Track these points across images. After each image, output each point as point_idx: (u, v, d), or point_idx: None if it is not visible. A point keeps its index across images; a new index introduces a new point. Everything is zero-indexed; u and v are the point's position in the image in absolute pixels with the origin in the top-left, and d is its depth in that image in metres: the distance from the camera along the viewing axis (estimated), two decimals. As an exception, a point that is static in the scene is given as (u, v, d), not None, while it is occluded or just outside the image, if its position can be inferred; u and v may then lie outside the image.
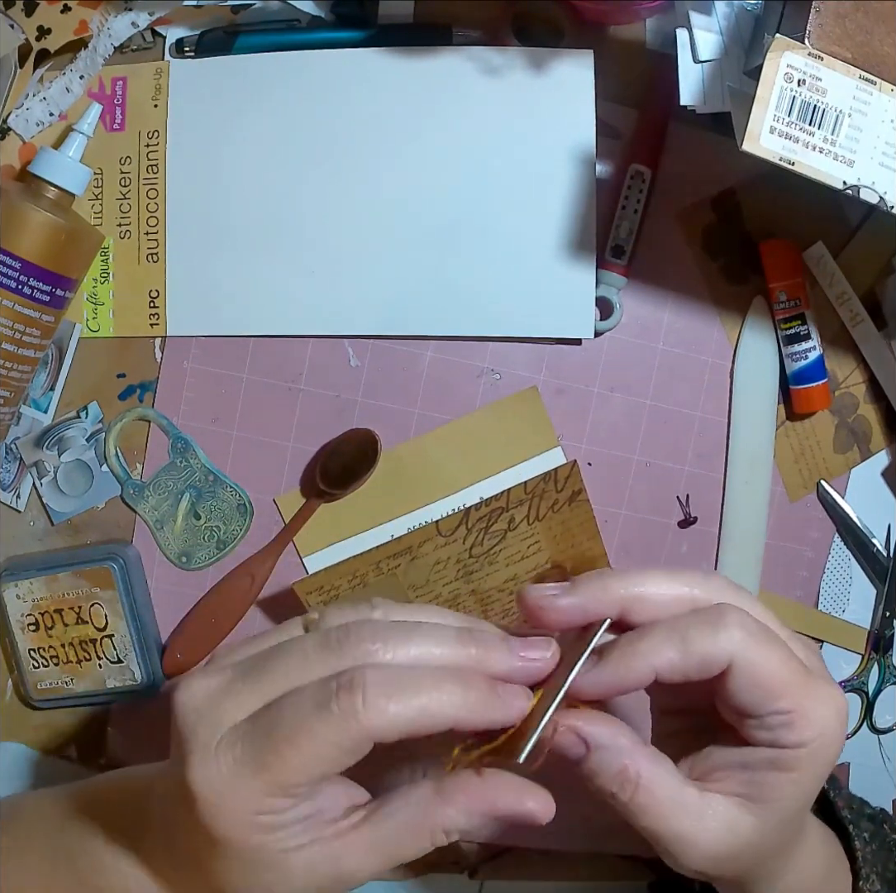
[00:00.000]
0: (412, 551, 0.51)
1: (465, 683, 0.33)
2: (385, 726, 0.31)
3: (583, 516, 0.53)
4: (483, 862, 0.57)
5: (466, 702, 0.32)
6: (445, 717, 0.32)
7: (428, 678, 0.32)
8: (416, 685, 0.32)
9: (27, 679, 0.54)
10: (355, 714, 0.31)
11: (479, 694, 0.33)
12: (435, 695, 0.32)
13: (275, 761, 0.31)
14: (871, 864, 0.42)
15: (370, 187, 0.51)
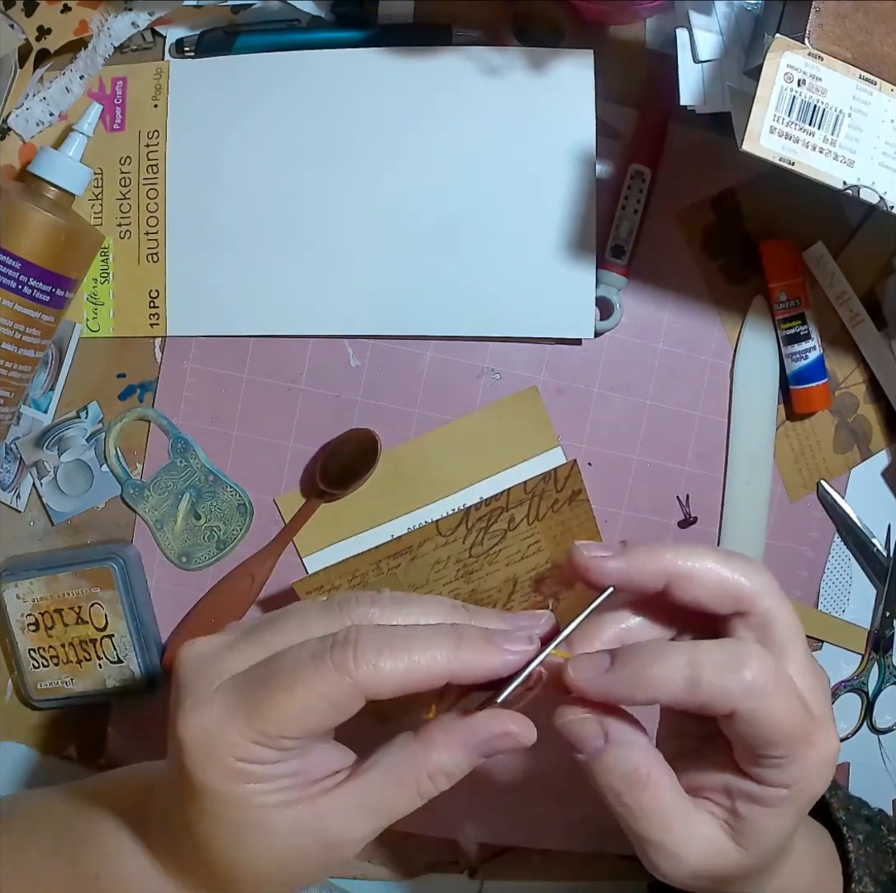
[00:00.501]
0: (412, 550, 0.51)
1: (458, 635, 0.33)
2: (377, 680, 0.31)
3: (583, 516, 0.53)
4: (483, 862, 0.57)
5: (459, 654, 0.32)
6: (439, 669, 0.32)
7: (420, 632, 0.33)
8: (408, 640, 0.32)
9: (27, 679, 0.54)
10: (347, 667, 0.31)
11: (472, 644, 0.33)
12: (427, 648, 0.32)
13: (266, 708, 0.31)
14: (864, 866, 0.42)
15: (370, 187, 0.51)
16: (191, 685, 0.33)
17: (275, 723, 0.31)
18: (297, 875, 0.35)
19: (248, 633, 0.35)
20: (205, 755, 0.32)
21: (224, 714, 0.32)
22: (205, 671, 0.34)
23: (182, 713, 0.33)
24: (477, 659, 0.33)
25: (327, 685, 0.31)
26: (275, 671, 0.32)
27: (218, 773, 0.32)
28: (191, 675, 0.34)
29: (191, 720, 0.32)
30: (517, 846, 0.57)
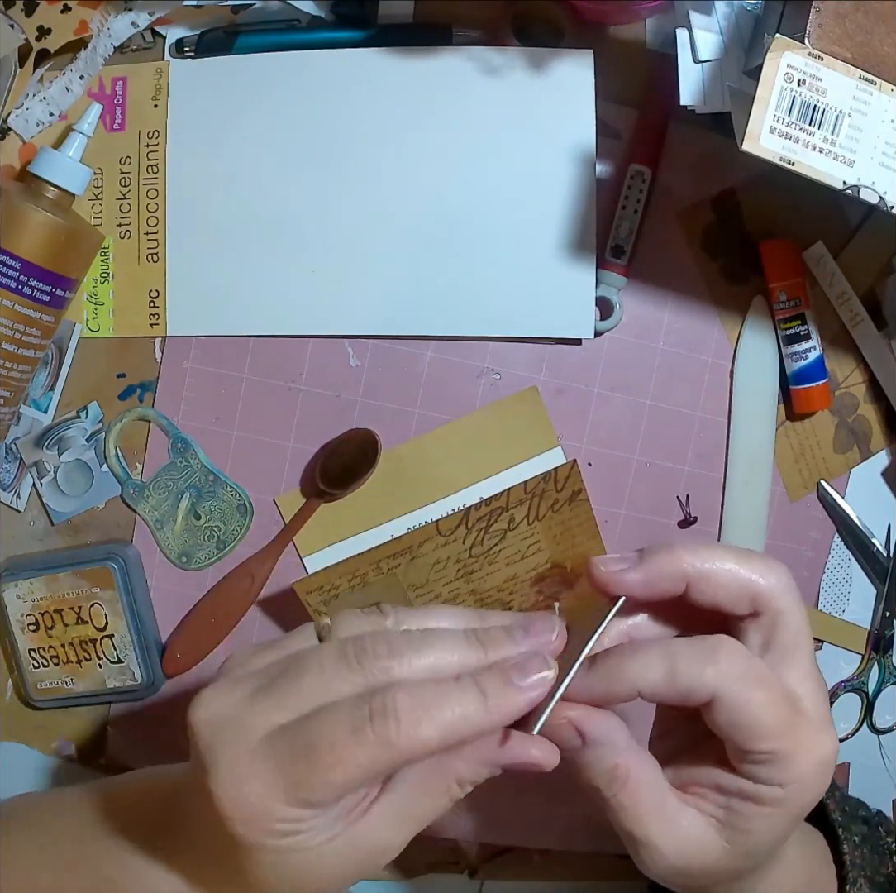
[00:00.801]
0: (412, 550, 0.51)
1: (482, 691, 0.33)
2: (418, 748, 0.32)
3: (583, 516, 0.53)
4: (483, 862, 0.57)
5: (489, 710, 0.33)
6: (472, 729, 0.33)
7: (453, 693, 0.33)
8: (442, 705, 0.33)
9: (27, 679, 0.54)
10: (390, 740, 0.32)
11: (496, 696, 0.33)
12: (460, 712, 0.33)
13: (310, 783, 0.32)
14: (859, 868, 0.42)
15: (370, 187, 0.51)
16: (219, 752, 0.33)
17: (319, 795, 0.32)
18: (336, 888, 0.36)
19: (264, 687, 0.34)
20: (248, 823, 0.32)
21: (266, 789, 0.32)
22: (230, 734, 0.33)
23: (218, 783, 0.32)
24: (503, 711, 0.33)
25: (370, 759, 0.32)
26: (313, 745, 0.32)
27: (263, 835, 0.33)
28: (215, 739, 0.33)
29: (231, 792, 0.32)
30: (517, 846, 0.57)
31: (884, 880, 0.43)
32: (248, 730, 0.33)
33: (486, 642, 0.35)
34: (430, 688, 0.33)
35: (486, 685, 0.33)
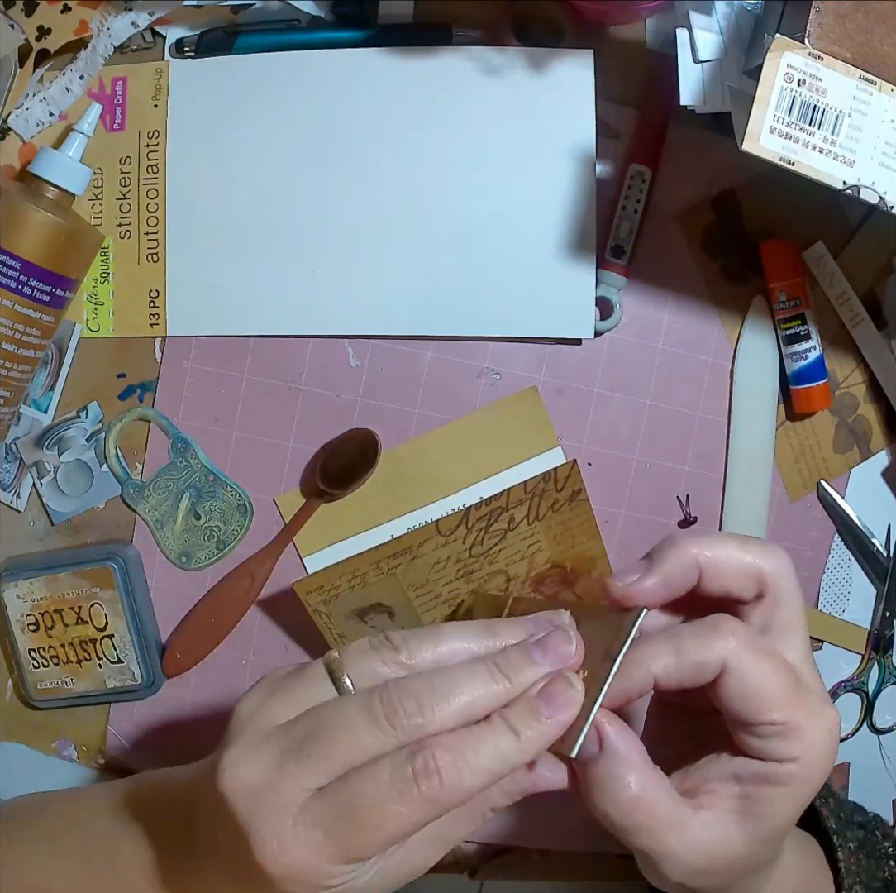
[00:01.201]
0: (412, 550, 0.51)
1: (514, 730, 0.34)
2: (461, 799, 0.33)
3: (583, 515, 0.53)
4: (483, 862, 0.57)
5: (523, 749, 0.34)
6: (510, 768, 0.34)
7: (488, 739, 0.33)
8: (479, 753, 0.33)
9: (27, 679, 0.54)
10: (436, 798, 0.32)
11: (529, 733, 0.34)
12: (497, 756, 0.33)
13: (359, 845, 0.32)
14: (854, 875, 0.42)
15: (370, 187, 0.51)
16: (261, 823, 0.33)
17: (367, 853, 0.33)
18: None
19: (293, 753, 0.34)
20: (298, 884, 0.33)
21: (314, 854, 0.32)
22: (268, 804, 0.33)
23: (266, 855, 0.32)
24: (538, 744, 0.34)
25: (416, 816, 0.32)
26: (357, 808, 0.32)
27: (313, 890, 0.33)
28: (253, 810, 0.33)
29: (280, 861, 0.32)
30: (517, 846, 0.57)
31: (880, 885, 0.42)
32: (286, 798, 0.33)
33: (508, 671, 0.35)
34: (465, 739, 0.33)
35: (517, 722, 0.34)
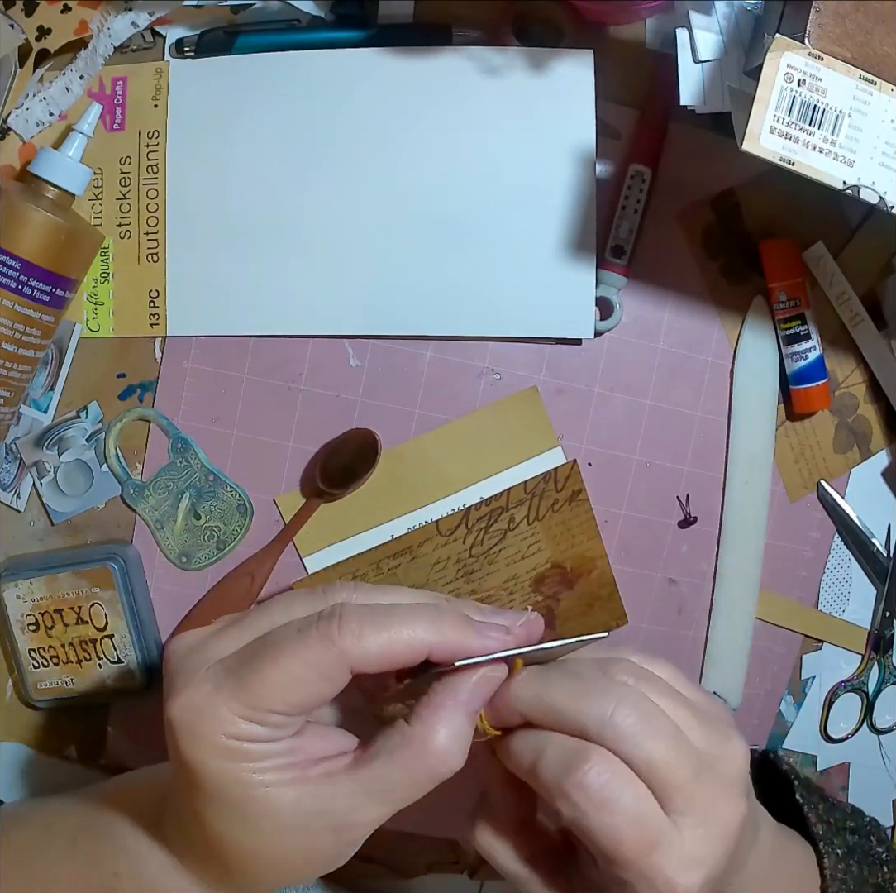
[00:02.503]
0: (412, 550, 0.51)
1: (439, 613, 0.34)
2: (361, 649, 0.32)
3: (583, 516, 0.53)
4: (483, 862, 0.57)
5: (440, 628, 0.33)
6: (420, 642, 0.33)
7: (403, 608, 0.34)
8: (391, 614, 0.33)
9: (27, 679, 0.54)
10: (331, 636, 0.32)
11: (454, 623, 0.33)
12: (410, 622, 0.33)
13: (252, 680, 0.32)
14: (840, 882, 0.41)
15: (370, 187, 0.51)
16: (179, 672, 0.34)
17: (261, 696, 0.32)
18: (311, 860, 0.35)
19: (235, 621, 0.35)
20: (193, 732, 0.32)
21: (211, 691, 0.32)
22: (192, 657, 0.34)
23: (170, 696, 0.33)
24: (457, 637, 0.33)
25: (312, 654, 0.32)
26: (261, 648, 0.33)
27: (209, 751, 0.32)
28: (179, 664, 0.34)
29: (178, 701, 0.33)
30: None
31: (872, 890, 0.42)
32: (211, 652, 0.34)
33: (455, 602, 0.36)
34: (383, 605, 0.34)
35: (445, 611, 0.34)
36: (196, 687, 0.33)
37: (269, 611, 0.35)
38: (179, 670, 0.34)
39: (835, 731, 0.58)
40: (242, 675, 0.32)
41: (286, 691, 0.32)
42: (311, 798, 0.33)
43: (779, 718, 0.58)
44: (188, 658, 0.34)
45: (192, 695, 0.33)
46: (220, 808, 0.33)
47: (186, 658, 0.34)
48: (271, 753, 0.33)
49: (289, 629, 0.33)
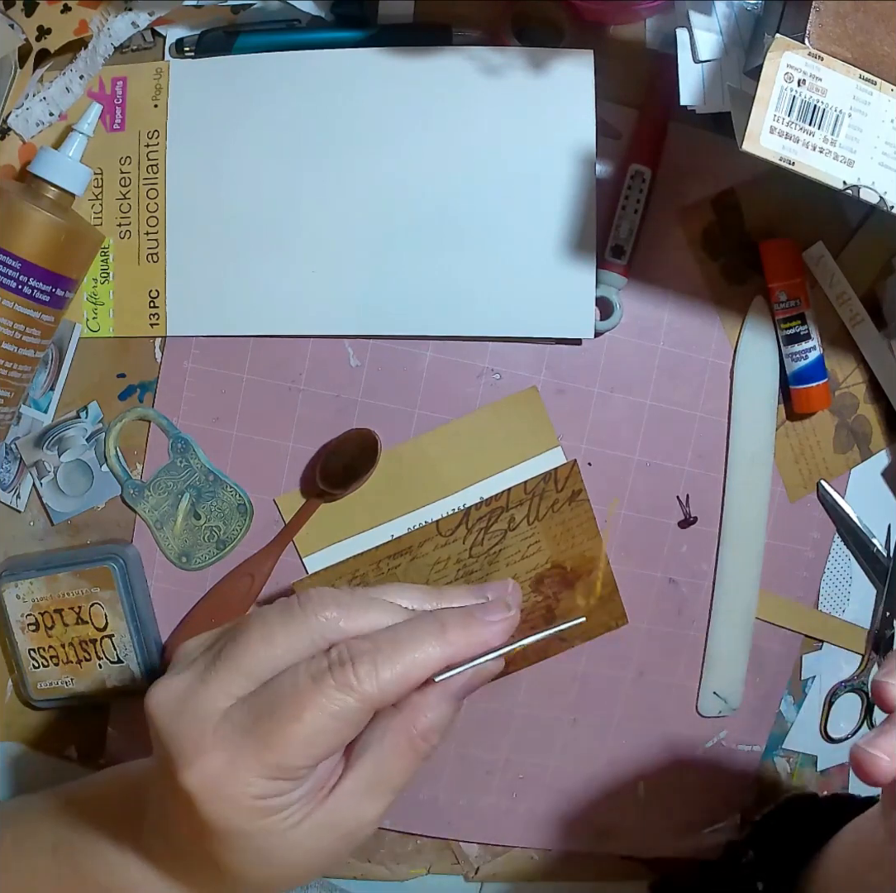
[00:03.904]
0: (412, 551, 0.51)
1: (441, 623, 0.33)
2: (381, 689, 0.32)
3: (583, 516, 0.53)
4: (483, 862, 0.57)
5: (448, 639, 0.33)
6: (435, 660, 0.33)
7: (406, 630, 0.33)
8: (398, 642, 0.32)
9: (27, 679, 0.54)
10: (350, 684, 0.31)
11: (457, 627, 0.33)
12: (418, 645, 0.32)
13: (278, 741, 0.31)
14: None
15: (370, 187, 0.51)
16: (179, 733, 0.32)
17: (289, 755, 0.31)
18: (319, 868, 0.35)
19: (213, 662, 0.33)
20: (217, 799, 0.31)
21: (232, 756, 0.31)
22: (187, 714, 0.32)
23: (183, 764, 0.31)
24: (467, 639, 0.33)
25: (335, 705, 0.31)
26: (276, 702, 0.31)
27: (235, 813, 0.31)
28: (173, 722, 0.32)
29: (196, 770, 0.31)
30: (517, 846, 0.57)
31: None
32: (208, 705, 0.32)
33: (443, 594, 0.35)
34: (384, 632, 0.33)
35: (446, 617, 0.33)
36: (212, 754, 0.31)
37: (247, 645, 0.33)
38: (177, 731, 0.32)
39: (835, 731, 0.58)
40: (263, 735, 0.31)
41: (312, 745, 0.31)
42: (323, 819, 0.33)
43: (779, 718, 0.58)
44: (182, 715, 0.32)
45: (211, 763, 0.31)
46: (240, 852, 0.33)
47: (179, 717, 0.32)
48: (296, 798, 0.33)
49: (301, 679, 0.32)
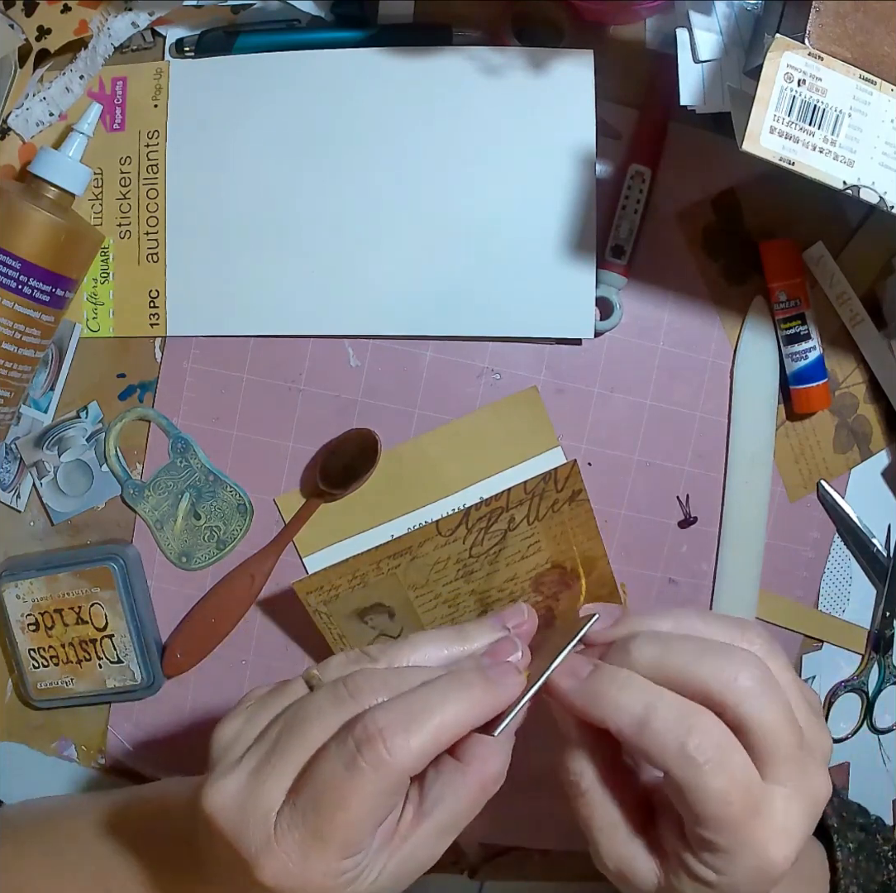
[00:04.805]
0: (412, 551, 0.51)
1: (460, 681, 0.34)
2: (414, 759, 0.33)
3: (583, 516, 0.53)
4: (483, 862, 0.57)
5: (472, 704, 0.34)
6: (460, 726, 0.34)
7: (431, 695, 0.34)
8: (424, 709, 0.33)
9: (27, 679, 0.54)
10: (383, 760, 0.32)
11: (477, 690, 0.34)
12: (443, 711, 0.33)
13: (333, 834, 0.32)
14: (852, 875, 0.42)
15: (370, 187, 0.51)
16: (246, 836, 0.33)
17: (346, 841, 0.32)
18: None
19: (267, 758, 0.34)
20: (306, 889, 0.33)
21: (301, 857, 0.32)
22: (251, 817, 0.33)
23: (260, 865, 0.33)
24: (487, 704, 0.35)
25: (373, 785, 0.32)
26: (317, 798, 0.32)
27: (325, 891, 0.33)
28: (239, 825, 0.33)
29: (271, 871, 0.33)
30: (517, 846, 0.57)
31: (878, 888, 0.42)
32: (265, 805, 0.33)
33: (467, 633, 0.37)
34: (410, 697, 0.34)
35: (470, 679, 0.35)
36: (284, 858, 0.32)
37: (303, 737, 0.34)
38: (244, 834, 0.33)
39: (835, 731, 0.58)
40: (320, 834, 0.32)
41: (365, 823, 0.33)
42: (398, 866, 0.35)
43: (779, 718, 0.58)
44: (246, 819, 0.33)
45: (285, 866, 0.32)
46: None
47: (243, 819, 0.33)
48: (367, 861, 0.34)
49: (334, 767, 0.32)
